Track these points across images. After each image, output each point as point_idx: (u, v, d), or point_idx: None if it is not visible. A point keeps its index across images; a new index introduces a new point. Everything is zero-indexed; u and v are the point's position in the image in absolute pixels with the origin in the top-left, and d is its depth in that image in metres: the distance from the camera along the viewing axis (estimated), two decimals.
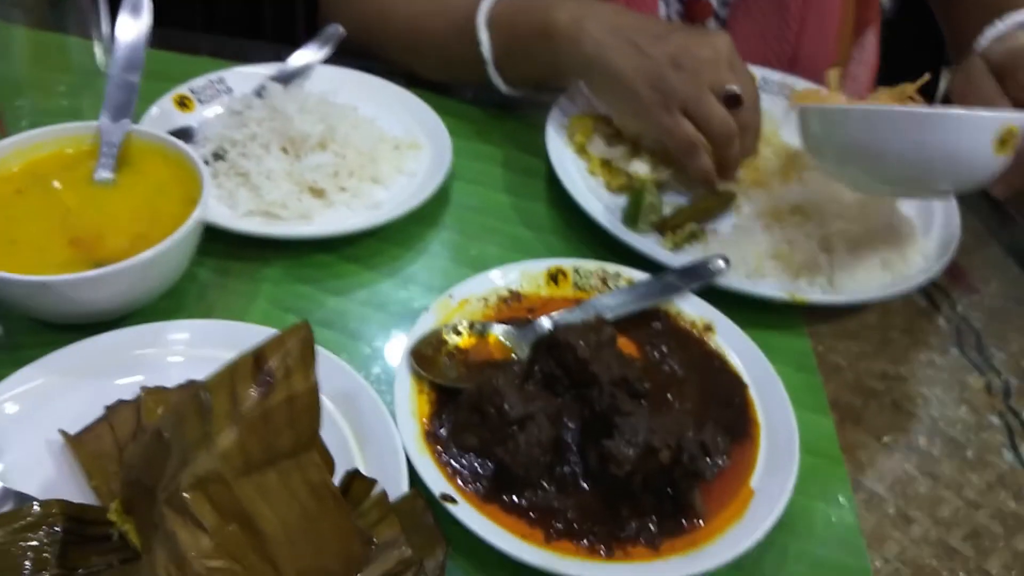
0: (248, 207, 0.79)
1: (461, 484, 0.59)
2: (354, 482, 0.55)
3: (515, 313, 0.73)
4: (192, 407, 0.47)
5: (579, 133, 0.94)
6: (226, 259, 0.78)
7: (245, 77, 0.94)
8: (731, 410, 0.68)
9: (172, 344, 0.66)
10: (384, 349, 0.72)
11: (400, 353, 0.66)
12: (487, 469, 0.60)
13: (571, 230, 0.87)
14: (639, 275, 0.77)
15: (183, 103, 0.90)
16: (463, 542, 0.57)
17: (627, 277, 0.77)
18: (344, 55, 1.00)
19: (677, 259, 0.80)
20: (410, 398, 0.63)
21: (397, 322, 0.75)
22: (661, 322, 0.75)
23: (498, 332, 0.70)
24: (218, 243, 0.76)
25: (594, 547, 0.57)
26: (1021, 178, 0.72)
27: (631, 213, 0.85)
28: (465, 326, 0.69)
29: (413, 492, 0.56)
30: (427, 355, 0.66)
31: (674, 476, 0.59)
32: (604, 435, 0.59)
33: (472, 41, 0.93)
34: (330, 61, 0.99)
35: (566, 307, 0.73)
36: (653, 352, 0.72)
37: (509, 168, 0.95)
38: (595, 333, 0.66)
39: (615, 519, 0.59)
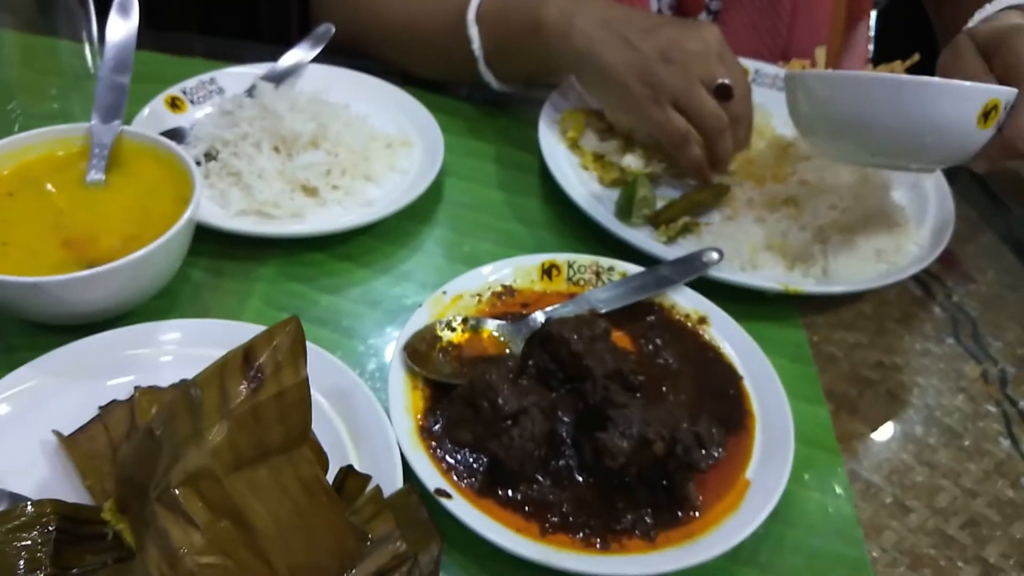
0: (240, 206, 0.79)
1: (456, 479, 0.59)
2: (348, 478, 0.55)
3: (509, 308, 0.73)
4: (183, 404, 0.47)
5: (571, 128, 0.94)
6: (219, 259, 0.78)
7: (237, 77, 0.94)
8: (726, 402, 0.68)
9: (165, 344, 0.66)
10: (378, 346, 0.72)
11: (394, 350, 0.66)
12: (481, 464, 0.60)
13: (564, 225, 0.87)
14: (633, 268, 0.77)
15: (175, 104, 0.90)
16: (458, 537, 0.57)
17: (621, 271, 0.77)
18: (336, 54, 1.00)
19: (671, 252, 0.80)
20: (404, 394, 0.63)
21: (391, 319, 0.75)
22: (655, 315, 0.75)
23: (492, 327, 0.70)
24: (211, 243, 0.76)
25: (590, 540, 0.57)
26: (1002, 153, 0.72)
27: (624, 207, 0.85)
28: (459, 322, 0.69)
29: (407, 487, 0.56)
30: (421, 351, 0.66)
31: (669, 468, 0.59)
32: (598, 428, 0.59)
33: (463, 38, 0.93)
34: (322, 60, 0.99)
35: (560, 301, 0.73)
36: (647, 345, 0.72)
37: (502, 164, 0.95)
38: (589, 327, 0.66)
39: (610, 512, 0.59)
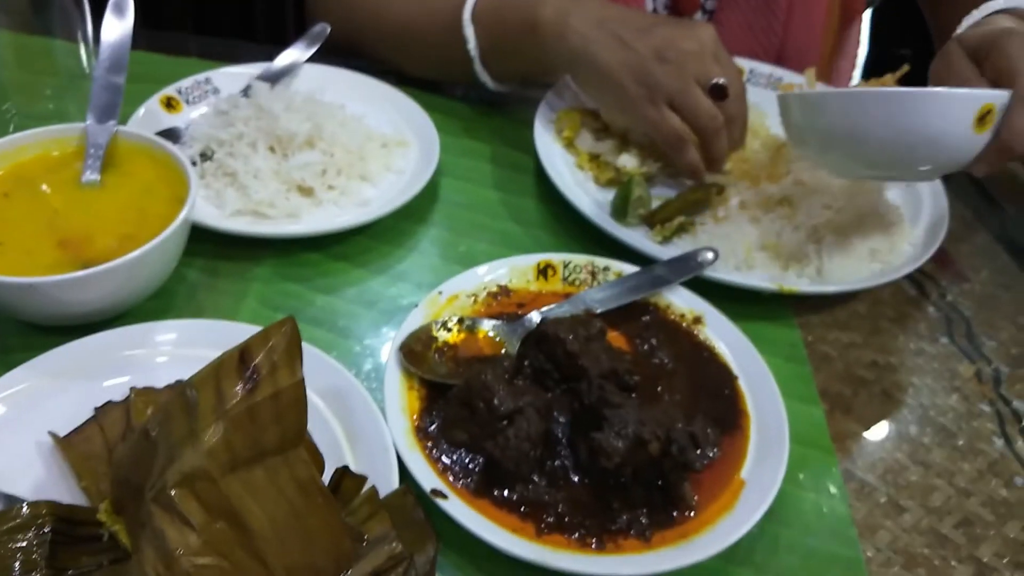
0: (236, 206, 0.79)
1: (451, 479, 0.59)
2: (344, 479, 0.55)
3: (504, 308, 0.73)
4: (178, 405, 0.47)
5: (567, 128, 0.94)
6: (215, 259, 0.77)
7: (232, 77, 0.94)
8: (721, 401, 0.68)
9: (161, 344, 0.66)
10: (374, 346, 0.72)
11: (390, 350, 0.66)
12: (477, 464, 0.60)
13: (560, 225, 0.87)
14: (628, 268, 0.77)
15: (170, 104, 0.90)
16: (454, 537, 0.57)
17: (616, 270, 0.77)
18: (332, 54, 1.00)
19: (666, 252, 0.80)
20: (400, 394, 0.63)
21: (387, 319, 0.75)
22: (650, 315, 0.75)
23: (487, 327, 0.70)
24: (206, 243, 0.76)
25: (585, 540, 0.57)
26: (1000, 157, 0.73)
27: (619, 207, 0.85)
28: (454, 322, 0.69)
29: (403, 488, 0.56)
30: (417, 351, 0.66)
31: (664, 468, 0.59)
32: (594, 428, 0.59)
33: (458, 38, 0.93)
34: (317, 60, 0.99)
35: (555, 301, 0.73)
36: (643, 345, 0.72)
37: (497, 164, 0.95)
38: (584, 327, 0.66)
39: (606, 512, 0.59)
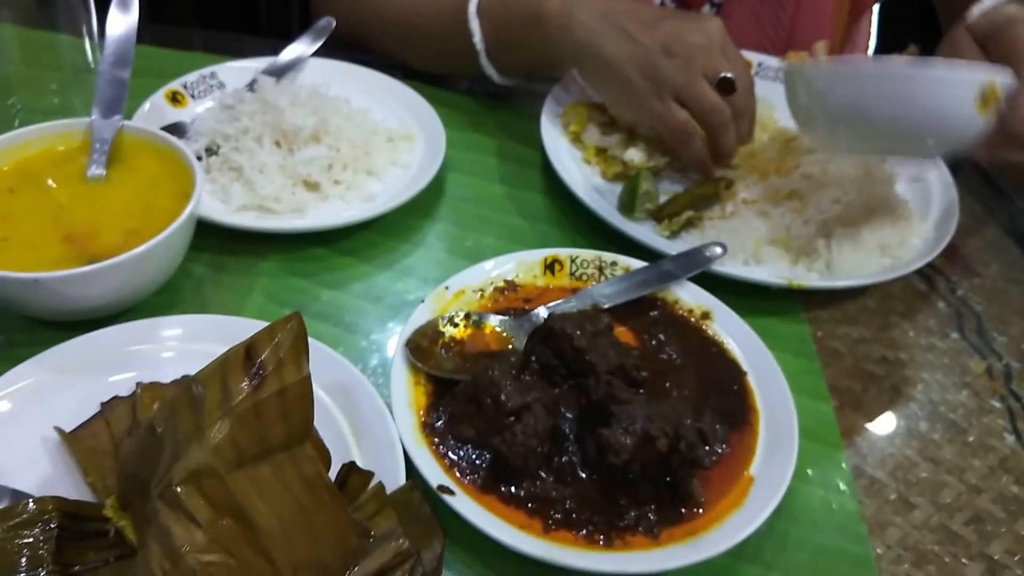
0: (242, 201, 0.79)
1: (458, 475, 0.59)
2: (351, 475, 0.55)
3: (511, 303, 0.73)
4: (184, 401, 0.47)
5: (574, 122, 0.94)
6: (220, 254, 0.77)
7: (237, 72, 0.94)
8: (730, 397, 0.68)
9: (167, 340, 0.65)
10: (380, 341, 0.72)
11: (396, 345, 0.66)
12: (484, 460, 0.60)
13: (567, 219, 0.87)
14: (636, 263, 0.76)
15: (175, 99, 0.89)
16: (461, 533, 0.56)
17: (624, 265, 0.76)
18: (337, 48, 1.00)
19: (674, 246, 0.80)
20: (406, 390, 0.63)
21: (393, 314, 0.75)
22: (658, 310, 0.74)
23: (494, 323, 0.70)
24: (212, 238, 0.76)
25: (593, 537, 0.57)
26: (1004, 141, 0.72)
27: (627, 201, 0.84)
28: (461, 317, 0.69)
29: (410, 484, 0.56)
30: (423, 347, 0.66)
31: (672, 464, 0.58)
32: (601, 424, 0.59)
33: (464, 31, 0.93)
34: (323, 54, 0.99)
35: (563, 296, 0.73)
36: (651, 340, 0.72)
37: (504, 158, 0.94)
38: (592, 322, 0.66)
39: (614, 508, 0.58)
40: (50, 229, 0.67)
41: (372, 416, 0.61)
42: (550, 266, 0.76)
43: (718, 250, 0.78)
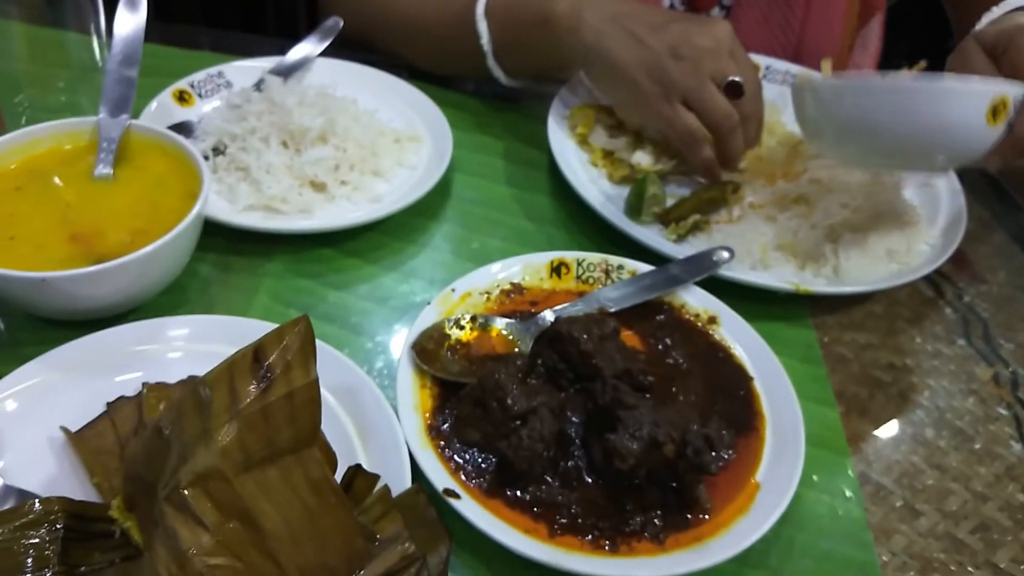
0: (248, 201, 0.79)
1: (464, 479, 0.59)
2: (357, 478, 0.55)
3: (517, 306, 0.73)
4: (192, 403, 0.47)
5: (581, 124, 0.93)
6: (227, 254, 0.77)
7: (244, 71, 0.94)
8: (736, 403, 0.67)
9: (173, 340, 0.65)
10: (386, 343, 0.72)
11: (402, 347, 0.65)
12: (490, 464, 0.60)
13: (573, 222, 0.87)
14: (642, 267, 0.76)
15: (182, 98, 0.89)
16: (467, 537, 0.56)
17: (630, 269, 0.76)
18: (344, 48, 1.00)
19: (681, 250, 0.79)
20: (412, 392, 0.63)
21: (399, 316, 0.75)
22: (665, 314, 0.74)
23: (500, 326, 0.69)
24: (218, 238, 0.76)
25: (598, 542, 0.57)
26: (1015, 151, 0.72)
27: (634, 204, 0.84)
28: (467, 320, 0.69)
29: (416, 487, 0.56)
30: (429, 349, 0.66)
31: (679, 470, 0.58)
32: (608, 429, 0.59)
33: (471, 32, 0.93)
34: (330, 54, 0.99)
35: (569, 300, 0.73)
36: (657, 345, 0.71)
37: (510, 160, 0.94)
38: (598, 326, 0.66)
39: (619, 513, 0.58)
40: (57, 228, 0.67)
41: (378, 418, 0.61)
42: (556, 269, 0.76)
43: (725, 254, 0.78)
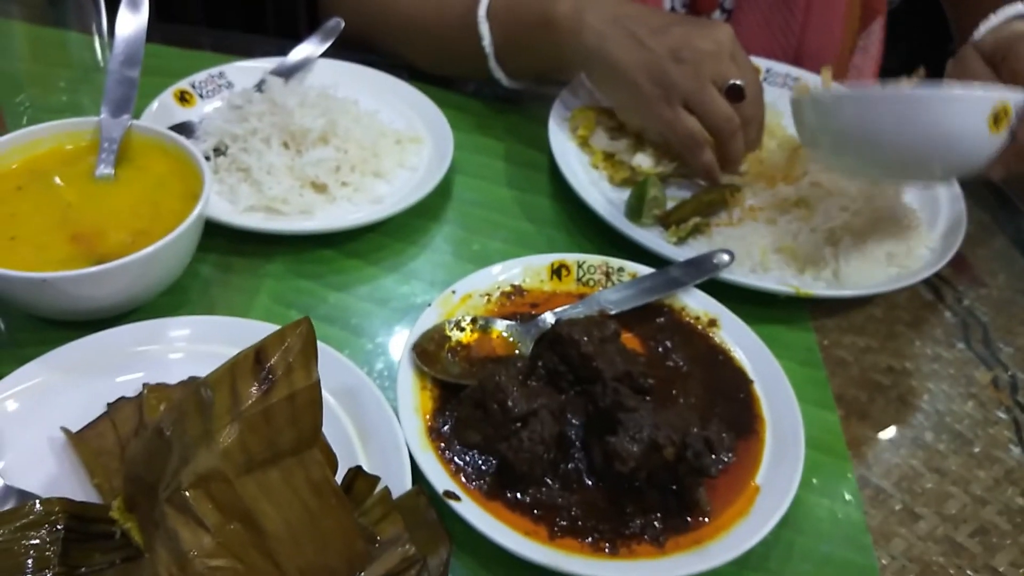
0: (249, 202, 0.79)
1: (464, 481, 0.59)
2: (357, 479, 0.55)
3: (518, 308, 0.73)
4: (193, 404, 0.47)
5: (582, 126, 0.93)
6: (228, 255, 0.77)
7: (246, 72, 0.94)
8: (736, 405, 0.67)
9: (174, 340, 0.65)
10: (386, 345, 0.72)
11: (403, 349, 0.66)
12: (490, 466, 0.60)
13: (574, 224, 0.87)
14: (643, 269, 0.76)
15: (183, 98, 0.89)
16: (467, 539, 0.56)
17: (631, 271, 0.76)
18: (345, 49, 1.00)
19: (681, 253, 0.79)
20: (413, 394, 0.63)
21: (399, 318, 0.75)
22: (665, 317, 0.74)
23: (501, 327, 0.69)
24: (219, 239, 0.76)
25: (598, 544, 0.57)
26: (1017, 159, 0.72)
27: (634, 207, 0.84)
28: (468, 321, 0.69)
29: (416, 489, 0.56)
30: (430, 351, 0.66)
31: (679, 473, 0.58)
32: (608, 431, 0.59)
33: (473, 34, 0.93)
34: (331, 55, 0.99)
35: (569, 302, 0.73)
36: (657, 347, 0.71)
37: (511, 162, 0.94)
38: (598, 328, 0.66)
39: (620, 516, 0.58)
40: (58, 228, 0.67)
41: (378, 420, 0.61)
42: (557, 271, 0.76)
43: (725, 257, 0.78)
